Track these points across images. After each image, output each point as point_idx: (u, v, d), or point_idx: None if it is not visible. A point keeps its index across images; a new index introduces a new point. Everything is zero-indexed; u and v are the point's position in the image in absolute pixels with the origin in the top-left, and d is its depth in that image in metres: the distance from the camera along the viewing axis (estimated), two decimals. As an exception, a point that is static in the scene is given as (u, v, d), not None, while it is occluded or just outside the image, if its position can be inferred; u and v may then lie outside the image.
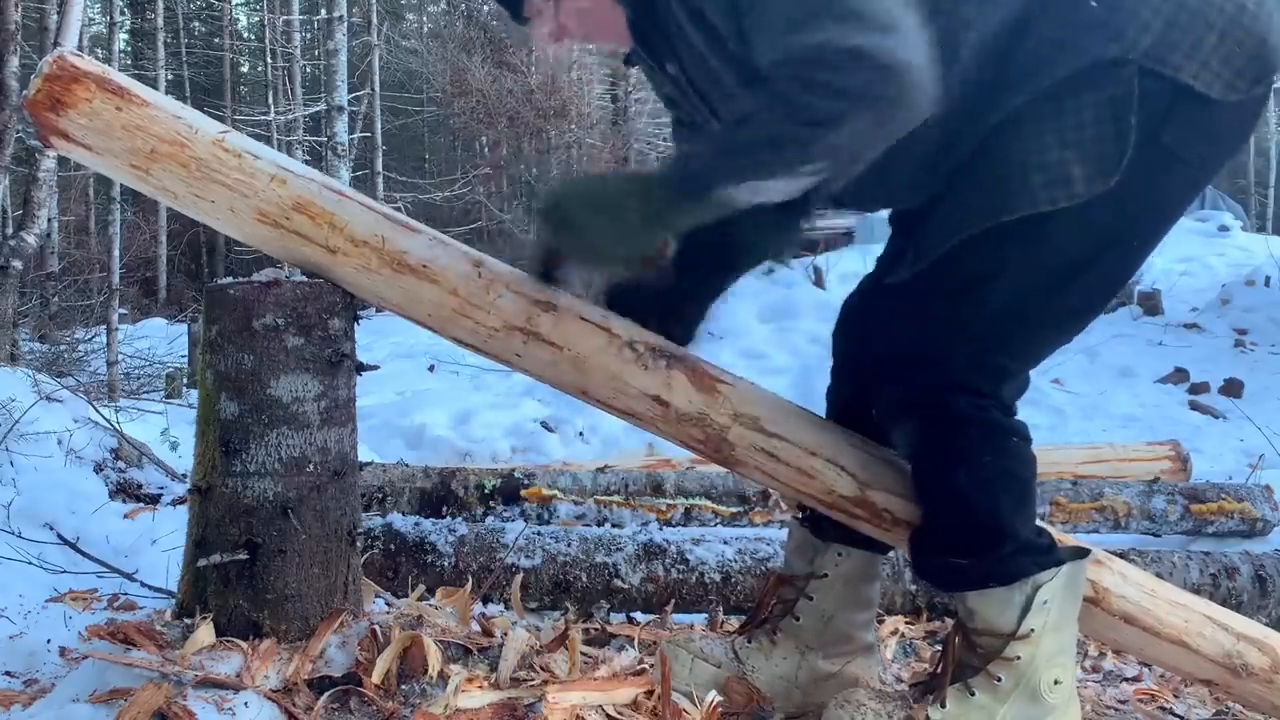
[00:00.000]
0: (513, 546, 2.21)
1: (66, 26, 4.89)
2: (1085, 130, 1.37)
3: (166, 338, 9.25)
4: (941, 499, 1.52)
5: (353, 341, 1.61)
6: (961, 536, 1.50)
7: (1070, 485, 3.25)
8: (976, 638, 1.52)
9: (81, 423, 2.94)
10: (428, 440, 5.28)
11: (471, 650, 1.60)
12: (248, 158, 1.55)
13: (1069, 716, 1.53)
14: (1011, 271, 1.43)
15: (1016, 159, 1.39)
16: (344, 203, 1.57)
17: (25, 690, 1.67)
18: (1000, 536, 1.48)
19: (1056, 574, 1.48)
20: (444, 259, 1.56)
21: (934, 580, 1.59)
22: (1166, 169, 1.40)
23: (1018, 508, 1.50)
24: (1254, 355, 7.46)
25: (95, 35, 15.55)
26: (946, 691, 1.51)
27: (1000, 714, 1.49)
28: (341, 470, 1.58)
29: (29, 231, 4.81)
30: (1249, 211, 17.93)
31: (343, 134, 11.49)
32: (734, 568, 2.25)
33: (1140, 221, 1.45)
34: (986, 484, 1.47)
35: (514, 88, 16.56)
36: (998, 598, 1.49)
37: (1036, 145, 1.38)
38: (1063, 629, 1.50)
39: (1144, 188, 1.40)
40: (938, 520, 1.53)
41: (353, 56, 14.68)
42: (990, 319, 1.45)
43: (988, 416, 1.48)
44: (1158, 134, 1.37)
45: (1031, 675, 1.48)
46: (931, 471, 1.52)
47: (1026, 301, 1.44)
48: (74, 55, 1.56)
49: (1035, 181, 1.38)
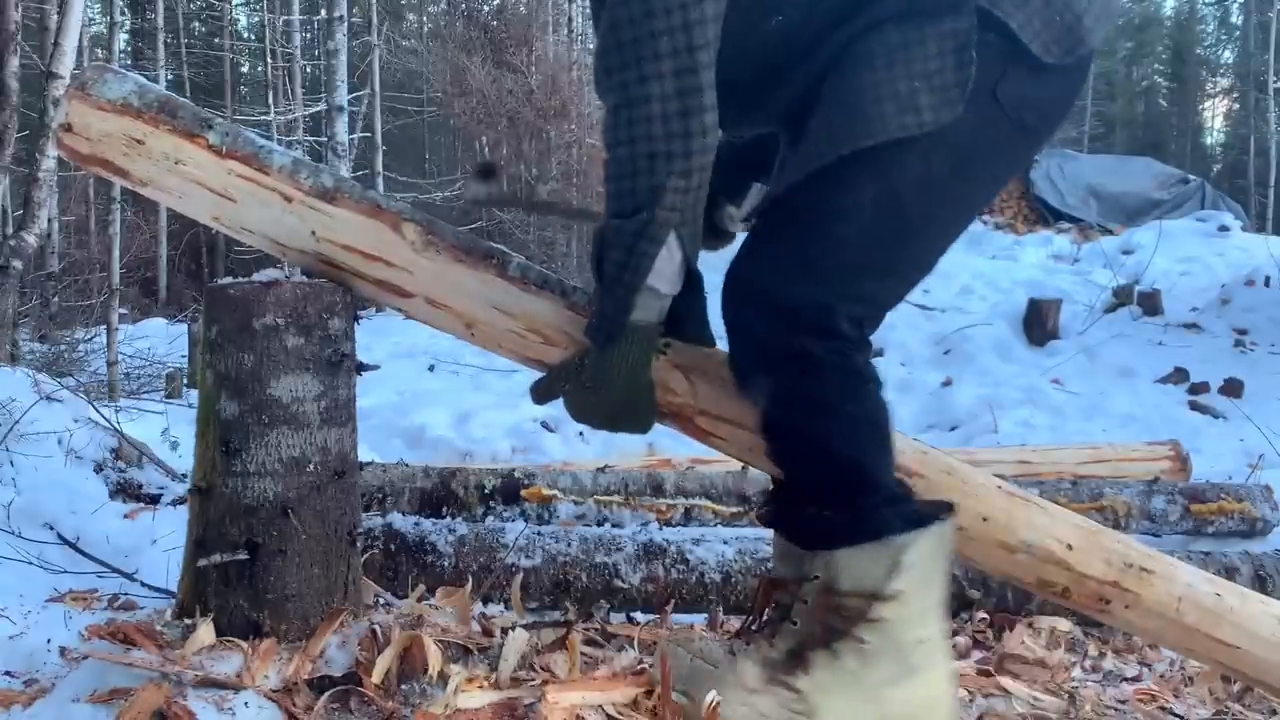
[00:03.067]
0: (513, 546, 2.21)
1: (66, 27, 4.89)
2: (930, 62, 1.42)
3: (166, 338, 9.26)
4: (806, 451, 1.51)
5: (353, 341, 1.61)
6: (828, 489, 1.50)
7: (1070, 485, 3.25)
8: (841, 599, 1.50)
9: (81, 423, 2.93)
10: (428, 440, 5.28)
11: (471, 650, 1.60)
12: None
13: (936, 674, 1.52)
14: (864, 204, 1.45)
15: (869, 90, 1.43)
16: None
17: (25, 690, 1.67)
18: (866, 485, 1.48)
19: (923, 534, 1.49)
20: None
21: (802, 538, 1.56)
22: (998, 126, 1.47)
23: (880, 455, 1.50)
24: (1254, 355, 7.45)
25: (95, 35, 15.55)
26: (811, 656, 1.50)
27: (869, 676, 1.48)
28: (341, 470, 1.58)
29: (29, 231, 4.81)
30: (1249, 211, 17.90)
31: (343, 134, 11.48)
32: (734, 568, 2.25)
33: (973, 175, 1.51)
34: (851, 433, 1.48)
35: (514, 88, 16.56)
36: (867, 554, 1.48)
37: (888, 76, 1.43)
38: (929, 589, 1.50)
39: (978, 139, 1.46)
40: (802, 474, 1.53)
41: (353, 56, 14.68)
42: (843, 255, 1.46)
43: (848, 363, 1.48)
44: (993, 88, 1.43)
45: (899, 636, 1.48)
46: (794, 424, 1.51)
47: (878, 240, 1.47)
48: (69, 135, 1.57)
49: (888, 110, 1.42)
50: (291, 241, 1.59)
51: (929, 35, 1.43)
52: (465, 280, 1.59)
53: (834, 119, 1.45)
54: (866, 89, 1.43)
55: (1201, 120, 32.37)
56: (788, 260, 1.47)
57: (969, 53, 1.42)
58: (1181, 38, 31.60)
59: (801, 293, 1.45)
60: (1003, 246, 11.40)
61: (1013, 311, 8.08)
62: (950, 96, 1.42)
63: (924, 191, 1.47)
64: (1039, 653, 2.08)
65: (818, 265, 1.46)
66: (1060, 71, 1.48)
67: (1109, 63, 31.55)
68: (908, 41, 1.43)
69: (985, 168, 1.53)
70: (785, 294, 1.46)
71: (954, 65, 1.42)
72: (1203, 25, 32.25)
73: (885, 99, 1.42)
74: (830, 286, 1.46)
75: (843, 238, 1.46)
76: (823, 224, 1.46)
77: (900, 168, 1.44)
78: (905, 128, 1.42)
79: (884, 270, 1.51)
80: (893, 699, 1.49)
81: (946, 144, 1.44)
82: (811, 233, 1.47)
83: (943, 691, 1.53)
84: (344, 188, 1.60)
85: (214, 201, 1.58)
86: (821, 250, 1.46)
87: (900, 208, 1.47)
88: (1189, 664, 2.13)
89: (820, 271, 1.46)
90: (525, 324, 1.59)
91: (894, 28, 1.44)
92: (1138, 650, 2.24)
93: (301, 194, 1.57)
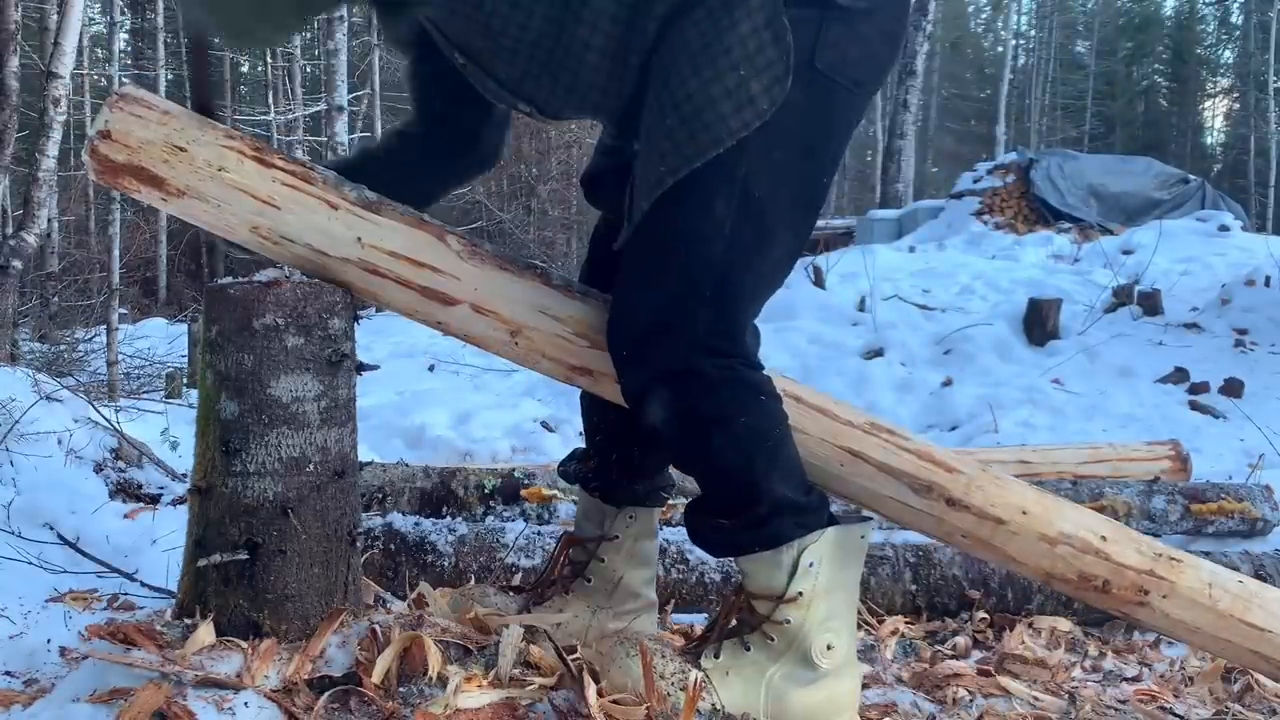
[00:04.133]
0: (513, 546, 2.21)
1: (66, 27, 4.90)
2: (748, 43, 1.41)
3: (166, 338, 9.25)
4: (700, 465, 1.55)
5: (353, 341, 1.61)
6: (721, 500, 1.54)
7: (1070, 485, 3.24)
8: (753, 599, 1.55)
9: (81, 423, 2.93)
10: (428, 440, 5.28)
11: (471, 650, 1.59)
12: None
13: (843, 682, 1.55)
14: (721, 216, 1.44)
15: (700, 93, 1.41)
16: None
17: (25, 690, 1.67)
18: (756, 497, 1.50)
19: (821, 536, 1.51)
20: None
21: (705, 545, 1.61)
22: (829, 94, 1.46)
23: (771, 466, 1.51)
24: (1254, 355, 7.45)
25: (95, 35, 15.56)
26: (722, 644, 1.55)
27: (770, 671, 1.52)
28: (341, 470, 1.58)
29: (29, 231, 4.81)
30: (1249, 211, 17.92)
31: (343, 134, 11.50)
32: (734, 568, 2.25)
33: (816, 152, 1.50)
34: (738, 446, 1.49)
35: (514, 88, 16.52)
36: (765, 560, 1.52)
37: (713, 73, 1.41)
38: (834, 593, 1.53)
39: (812, 116, 1.46)
40: (703, 486, 1.57)
41: (353, 56, 14.68)
42: (716, 271, 1.46)
43: (736, 375, 1.50)
44: (811, 59, 1.42)
45: (802, 639, 1.51)
46: (688, 440, 1.53)
47: (743, 249, 1.47)
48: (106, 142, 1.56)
49: (725, 109, 1.41)
50: (335, 249, 1.58)
51: (739, 17, 1.41)
52: (512, 285, 1.60)
53: (673, 131, 1.43)
54: (696, 93, 1.41)
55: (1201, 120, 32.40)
56: (663, 288, 1.48)
57: (781, 20, 1.40)
58: (1181, 38, 31.62)
59: (682, 316, 1.46)
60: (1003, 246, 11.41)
61: (1013, 311, 8.07)
62: (777, 73, 1.40)
63: (776, 185, 1.46)
64: (1039, 653, 2.08)
65: (693, 288, 1.46)
66: (872, 12, 1.46)
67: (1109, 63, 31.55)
68: (719, 27, 1.41)
69: (829, 139, 1.52)
70: (667, 320, 1.47)
71: (771, 39, 1.40)
72: (1203, 25, 32.28)
73: (719, 99, 1.40)
74: (710, 305, 1.47)
75: (709, 256, 1.45)
76: (686, 246, 1.46)
77: (747, 168, 1.43)
78: (746, 124, 1.40)
79: (757, 272, 1.52)
80: (792, 697, 1.52)
81: (784, 131, 1.43)
82: (677, 258, 1.46)
83: (846, 703, 1.56)
84: (386, 202, 1.62)
85: (256, 208, 1.57)
86: (691, 273, 1.46)
87: (759, 209, 1.46)
88: (1189, 664, 2.13)
89: (697, 293, 1.46)
90: (574, 327, 1.61)
91: (703, 13, 1.42)
92: (1138, 650, 2.24)
93: (347, 203, 1.59)
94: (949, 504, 1.63)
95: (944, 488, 1.64)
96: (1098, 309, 8.26)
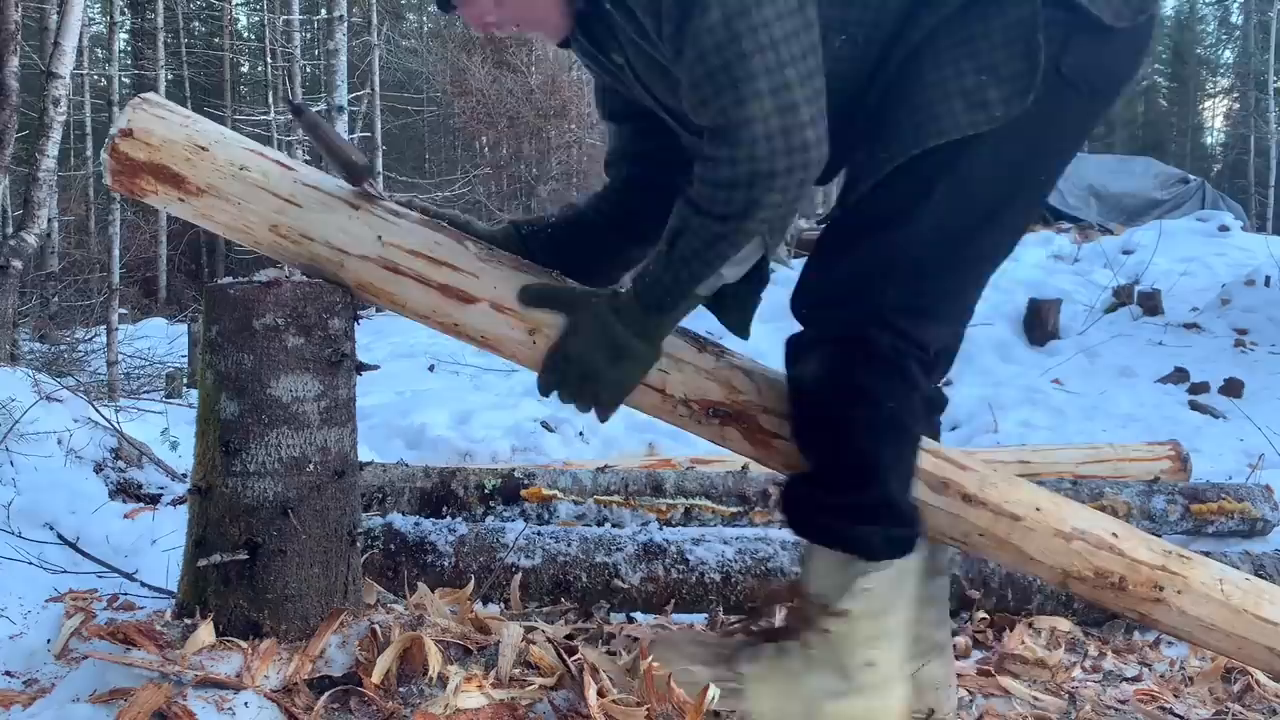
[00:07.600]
0: (513, 546, 2.21)
1: (66, 27, 4.89)
2: (997, 53, 1.40)
3: (166, 338, 9.24)
4: (830, 434, 1.52)
5: (353, 341, 1.61)
6: (836, 476, 1.52)
7: (1070, 485, 3.24)
8: (804, 601, 1.55)
9: (81, 423, 2.93)
10: (428, 440, 5.27)
11: (471, 650, 1.59)
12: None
13: (882, 701, 1.52)
14: (935, 202, 1.44)
15: (936, 87, 1.42)
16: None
17: (25, 690, 1.67)
18: (872, 483, 1.49)
19: (889, 566, 1.49)
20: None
21: (795, 520, 1.59)
22: (1066, 101, 1.45)
23: (895, 462, 1.51)
24: (1254, 355, 7.44)
25: (95, 35, 15.55)
26: (765, 647, 1.54)
27: (805, 680, 1.50)
28: (341, 470, 1.58)
29: (29, 231, 4.80)
30: (1249, 211, 17.91)
31: (343, 134, 11.48)
32: (734, 568, 2.25)
33: (1045, 155, 1.50)
34: (875, 428, 1.48)
35: (514, 88, 16.57)
36: (831, 564, 1.51)
37: (954, 72, 1.41)
38: (884, 617, 1.51)
39: (1047, 121, 1.44)
40: (819, 455, 1.54)
41: (353, 56, 14.67)
42: (916, 254, 1.46)
43: (903, 361, 1.48)
44: (1057, 64, 1.41)
45: (843, 651, 1.50)
46: (830, 404, 1.51)
47: (950, 236, 1.46)
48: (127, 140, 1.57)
49: (957, 107, 1.41)
50: (355, 248, 1.59)
51: (994, 27, 1.40)
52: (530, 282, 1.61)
53: (902, 120, 1.44)
54: (932, 86, 1.42)
55: (1201, 120, 32.38)
56: (860, 259, 1.48)
57: (1036, 39, 1.39)
58: (1181, 38, 31.60)
59: (870, 287, 1.46)
60: (1003, 246, 11.38)
61: (1013, 311, 8.07)
62: (1020, 87, 1.40)
63: (995, 183, 1.46)
64: (1039, 653, 2.08)
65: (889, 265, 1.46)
66: (1126, 32, 1.45)
67: (1109, 63, 31.37)
68: (971, 35, 1.41)
69: (1057, 144, 1.51)
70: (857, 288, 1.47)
71: (1021, 54, 1.40)
72: (1203, 25, 32.25)
73: (953, 95, 1.41)
74: (900, 284, 1.46)
75: (911, 238, 1.45)
76: (893, 226, 1.46)
77: (969, 163, 1.43)
78: (975, 124, 1.40)
79: (958, 264, 1.51)
80: (826, 711, 1.50)
81: (1017, 133, 1.42)
82: (880, 235, 1.46)
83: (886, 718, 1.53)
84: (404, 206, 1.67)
85: (277, 206, 1.59)
86: (890, 250, 1.46)
87: (972, 204, 1.46)
88: (1189, 664, 2.12)
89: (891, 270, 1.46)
90: None
91: (958, 22, 1.42)
92: (1138, 650, 2.24)
93: (367, 204, 1.62)
94: (965, 500, 1.63)
95: (959, 484, 1.63)
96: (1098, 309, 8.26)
